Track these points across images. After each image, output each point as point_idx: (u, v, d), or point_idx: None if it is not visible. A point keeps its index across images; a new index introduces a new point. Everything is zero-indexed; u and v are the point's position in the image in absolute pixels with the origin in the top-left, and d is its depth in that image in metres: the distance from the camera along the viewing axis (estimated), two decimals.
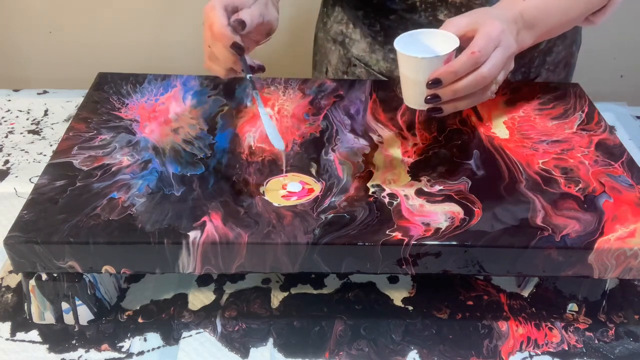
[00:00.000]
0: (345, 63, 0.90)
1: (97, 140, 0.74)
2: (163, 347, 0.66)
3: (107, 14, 1.42)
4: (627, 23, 1.46)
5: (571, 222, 0.64)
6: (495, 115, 0.82)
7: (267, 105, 0.82)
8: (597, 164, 0.73)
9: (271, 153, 0.73)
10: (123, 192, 0.66)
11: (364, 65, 0.88)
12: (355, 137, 0.77)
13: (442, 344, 0.67)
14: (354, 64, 0.89)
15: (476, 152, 0.75)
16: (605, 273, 0.64)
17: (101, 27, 1.44)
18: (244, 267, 0.63)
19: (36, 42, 1.47)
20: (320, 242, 0.61)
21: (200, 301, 0.71)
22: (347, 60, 0.90)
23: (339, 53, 0.91)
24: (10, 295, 0.71)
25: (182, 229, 0.62)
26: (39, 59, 1.49)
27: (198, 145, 0.74)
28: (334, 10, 0.92)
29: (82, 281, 0.65)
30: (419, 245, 0.62)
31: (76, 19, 1.43)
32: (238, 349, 0.66)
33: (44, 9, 1.41)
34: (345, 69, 0.91)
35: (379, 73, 0.89)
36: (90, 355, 0.65)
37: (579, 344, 0.67)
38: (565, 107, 0.84)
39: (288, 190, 0.68)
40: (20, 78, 1.50)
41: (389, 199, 0.67)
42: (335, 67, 0.92)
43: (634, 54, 1.52)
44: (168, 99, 0.83)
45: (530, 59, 0.87)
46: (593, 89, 0.99)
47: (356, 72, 0.89)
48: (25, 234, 0.61)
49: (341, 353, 0.65)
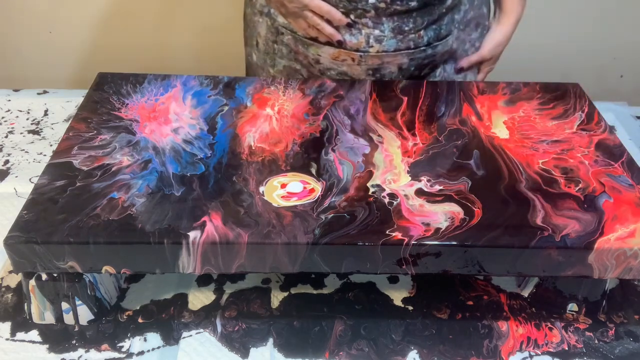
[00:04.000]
0: (273, 32, 0.94)
1: (97, 140, 0.74)
2: (163, 347, 0.66)
3: (107, 14, 1.42)
4: (627, 23, 1.46)
5: (571, 222, 0.64)
6: (495, 115, 0.82)
7: (267, 105, 0.82)
8: (597, 164, 0.73)
9: (271, 153, 0.73)
10: (123, 192, 0.66)
11: (290, 32, 0.92)
12: (355, 137, 0.77)
13: (442, 344, 0.67)
14: (282, 32, 0.93)
15: (476, 152, 0.75)
16: (605, 273, 0.64)
17: (101, 27, 1.44)
18: (244, 267, 0.63)
19: (36, 42, 1.47)
20: (320, 242, 0.61)
21: (200, 301, 0.71)
22: (274, 30, 0.93)
23: (266, 24, 0.94)
24: (10, 295, 0.71)
25: (182, 229, 0.62)
26: (39, 59, 1.49)
27: (198, 145, 0.74)
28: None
29: (82, 281, 0.65)
30: (419, 245, 0.62)
31: (76, 19, 1.43)
32: (238, 349, 0.66)
33: (44, 9, 1.41)
34: (274, 38, 0.95)
35: (305, 38, 0.91)
36: (90, 355, 0.65)
37: (579, 344, 0.67)
38: (565, 107, 0.84)
39: (288, 190, 0.68)
40: (20, 78, 1.50)
41: (389, 199, 0.67)
42: (265, 38, 0.96)
43: (634, 54, 1.52)
44: (168, 99, 0.83)
45: (440, 15, 0.90)
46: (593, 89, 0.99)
47: (284, 39, 0.93)
48: (25, 234, 0.61)
49: (341, 353, 0.65)
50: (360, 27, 0.87)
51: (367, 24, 0.87)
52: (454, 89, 0.87)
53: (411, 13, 0.87)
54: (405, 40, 0.89)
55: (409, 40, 0.89)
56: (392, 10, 0.86)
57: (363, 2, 0.85)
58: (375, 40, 0.88)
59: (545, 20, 1.45)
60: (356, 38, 0.88)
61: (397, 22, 0.87)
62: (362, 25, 0.87)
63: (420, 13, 0.88)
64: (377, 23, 0.87)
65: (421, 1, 0.86)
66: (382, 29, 0.87)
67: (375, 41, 0.88)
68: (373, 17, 0.86)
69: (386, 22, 0.87)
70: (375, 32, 0.87)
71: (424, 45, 0.90)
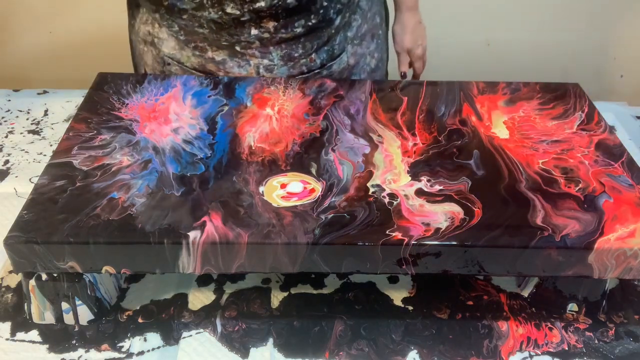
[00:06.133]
0: (160, 62, 0.91)
1: (97, 140, 0.74)
2: (163, 347, 0.66)
3: (107, 14, 1.42)
4: (627, 23, 1.46)
5: (571, 222, 0.64)
6: (495, 115, 0.82)
7: (267, 105, 0.82)
8: (597, 164, 0.73)
9: (271, 153, 0.73)
10: (123, 192, 0.66)
11: (177, 62, 0.89)
12: (355, 137, 0.77)
13: (442, 344, 0.67)
14: (168, 63, 0.90)
15: (476, 152, 0.75)
16: (605, 273, 0.64)
17: (101, 27, 1.44)
18: (244, 267, 0.63)
19: (36, 42, 1.47)
20: (320, 242, 0.61)
21: (200, 301, 0.71)
22: (161, 60, 0.91)
23: (152, 53, 0.91)
24: (10, 295, 0.71)
25: (182, 229, 0.62)
26: (39, 59, 1.49)
27: (198, 145, 0.74)
28: (138, 11, 0.92)
29: (82, 281, 0.65)
30: (419, 245, 0.62)
31: (76, 19, 1.43)
32: (238, 349, 0.65)
33: (44, 9, 1.41)
34: (161, 68, 0.92)
35: (192, 69, 0.89)
36: (90, 355, 0.65)
37: (579, 344, 0.67)
38: (565, 107, 0.84)
39: (288, 190, 0.68)
40: (20, 78, 1.50)
41: (389, 199, 0.67)
42: (152, 67, 0.93)
43: (634, 54, 1.52)
44: (168, 99, 0.83)
45: (329, 36, 0.88)
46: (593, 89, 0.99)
47: (172, 70, 0.90)
48: (25, 234, 0.61)
49: (341, 353, 0.65)
50: (247, 58, 0.85)
51: (254, 54, 0.85)
52: (454, 89, 0.87)
53: (299, 39, 0.85)
54: (297, 66, 0.87)
55: (301, 65, 0.87)
56: (277, 38, 0.83)
57: (245, 35, 0.82)
58: (266, 69, 0.86)
59: (545, 20, 1.45)
60: (245, 69, 0.86)
61: (285, 49, 0.85)
62: (250, 56, 0.85)
63: (309, 37, 0.86)
64: (265, 53, 0.85)
65: (307, 26, 0.84)
66: (270, 58, 0.85)
67: (266, 70, 0.86)
68: (259, 47, 0.84)
69: (274, 50, 0.85)
70: (264, 61, 0.85)
71: (317, 68, 0.89)
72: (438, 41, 1.17)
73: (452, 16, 1.41)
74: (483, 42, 1.49)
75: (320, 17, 0.84)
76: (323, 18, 0.84)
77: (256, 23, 0.81)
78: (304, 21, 0.83)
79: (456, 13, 1.42)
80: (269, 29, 0.82)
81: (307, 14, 0.83)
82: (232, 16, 0.79)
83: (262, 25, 0.81)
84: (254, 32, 0.82)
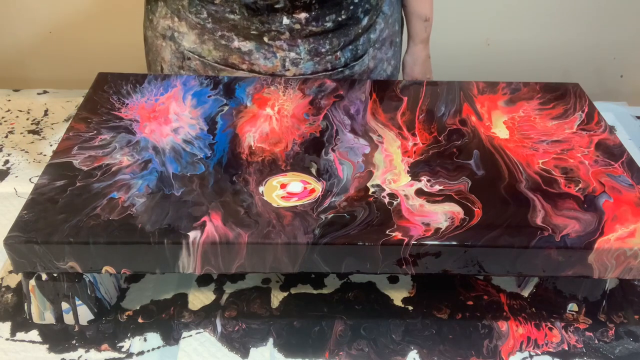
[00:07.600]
0: (179, 58, 0.90)
1: (97, 140, 0.74)
2: (163, 347, 0.66)
3: (107, 14, 1.42)
4: (627, 23, 1.46)
5: (571, 222, 0.64)
6: (495, 115, 0.82)
7: (267, 105, 0.82)
8: (597, 164, 0.73)
9: (271, 153, 0.73)
10: (123, 192, 0.66)
11: (198, 56, 0.88)
12: (355, 137, 0.77)
13: (442, 344, 0.67)
14: (188, 57, 0.89)
15: (476, 152, 0.75)
16: (605, 273, 0.64)
17: (101, 27, 1.44)
18: (244, 267, 0.63)
19: (36, 42, 1.47)
20: (320, 242, 0.61)
21: (200, 301, 0.71)
22: (180, 55, 0.90)
23: (170, 48, 0.90)
24: (10, 295, 0.71)
25: (182, 229, 0.62)
26: (39, 59, 1.49)
27: (198, 145, 0.74)
28: (157, 5, 0.91)
29: (82, 281, 0.65)
30: (419, 245, 0.62)
31: (76, 19, 1.43)
32: (238, 349, 0.66)
33: (44, 9, 1.41)
34: (180, 64, 0.91)
35: (214, 63, 0.89)
36: (90, 355, 0.65)
37: (579, 344, 0.67)
38: (565, 107, 0.84)
39: (288, 190, 0.68)
40: (20, 78, 1.50)
41: (389, 199, 0.67)
42: (170, 63, 0.92)
43: (634, 54, 1.52)
44: (168, 99, 0.83)
45: (356, 36, 0.89)
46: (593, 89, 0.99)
47: (192, 65, 0.90)
48: (25, 234, 0.61)
49: (341, 353, 0.65)
50: (274, 50, 0.85)
51: (282, 46, 0.85)
52: (454, 89, 0.87)
53: (327, 34, 0.85)
54: (322, 62, 0.87)
55: (326, 62, 0.88)
56: (307, 31, 0.84)
57: (277, 24, 0.82)
58: (292, 63, 0.86)
59: (545, 20, 1.45)
60: (271, 62, 0.86)
61: (313, 43, 0.85)
62: (277, 48, 0.85)
63: (337, 34, 0.86)
64: (293, 45, 0.85)
65: (337, 22, 0.85)
66: (298, 52, 0.85)
67: (292, 64, 0.86)
68: (288, 39, 0.84)
69: (302, 44, 0.85)
70: (291, 54, 0.86)
71: (341, 66, 0.89)
72: (438, 41, 1.16)
73: (452, 16, 1.41)
74: (483, 42, 1.49)
75: (349, 14, 0.86)
76: (352, 15, 0.86)
77: (289, 12, 0.82)
78: (334, 16, 0.84)
79: (456, 13, 1.42)
80: (300, 20, 0.83)
81: (338, 9, 0.84)
82: (267, 2, 0.80)
83: (294, 16, 0.83)
84: (286, 21, 0.82)
